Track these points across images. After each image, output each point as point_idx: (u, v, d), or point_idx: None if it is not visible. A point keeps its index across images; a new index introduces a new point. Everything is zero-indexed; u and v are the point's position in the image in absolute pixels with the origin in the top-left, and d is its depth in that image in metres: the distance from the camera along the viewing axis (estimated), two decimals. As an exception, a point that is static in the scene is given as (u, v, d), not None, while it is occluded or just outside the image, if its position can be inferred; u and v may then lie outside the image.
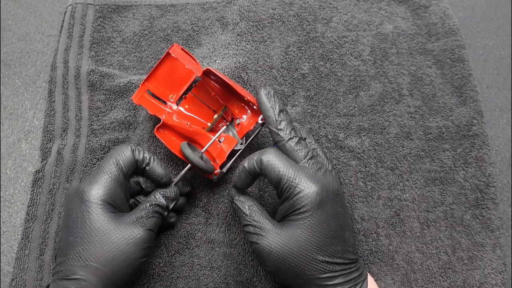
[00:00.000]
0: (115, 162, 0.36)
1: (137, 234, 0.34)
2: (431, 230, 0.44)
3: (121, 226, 0.34)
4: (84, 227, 0.33)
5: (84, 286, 0.32)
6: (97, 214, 0.34)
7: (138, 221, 0.35)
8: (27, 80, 0.52)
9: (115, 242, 0.33)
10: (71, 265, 0.32)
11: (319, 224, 0.33)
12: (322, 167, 0.36)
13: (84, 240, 0.33)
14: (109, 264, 0.33)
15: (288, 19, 0.53)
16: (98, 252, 0.33)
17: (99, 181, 0.35)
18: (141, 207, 0.37)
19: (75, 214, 0.34)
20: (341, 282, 0.33)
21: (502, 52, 0.53)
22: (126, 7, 0.54)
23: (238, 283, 0.42)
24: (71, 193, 0.35)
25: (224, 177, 0.45)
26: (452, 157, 0.46)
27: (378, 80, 0.50)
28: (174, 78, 0.44)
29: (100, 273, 0.32)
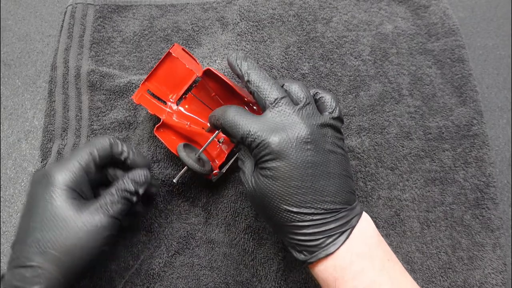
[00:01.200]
0: (89, 152, 0.35)
1: (98, 221, 0.33)
2: (431, 230, 0.44)
3: (83, 213, 0.33)
4: (45, 213, 0.32)
5: (40, 274, 0.31)
6: (60, 200, 0.33)
7: (101, 208, 0.34)
8: (27, 80, 0.52)
9: (75, 229, 0.32)
10: (28, 252, 0.31)
11: (280, 175, 0.31)
12: (291, 112, 0.33)
13: (44, 226, 0.32)
14: (68, 252, 0.31)
15: (288, 19, 0.53)
16: (57, 239, 0.31)
17: (68, 167, 0.34)
18: (107, 192, 0.35)
19: (38, 199, 0.33)
20: (312, 232, 0.31)
21: (502, 52, 0.53)
22: (126, 7, 0.54)
23: (238, 283, 0.42)
24: (37, 176, 0.34)
25: (224, 177, 0.45)
26: (452, 157, 0.46)
27: (378, 80, 0.50)
28: (175, 78, 0.44)
29: (58, 261, 0.31)
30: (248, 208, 0.44)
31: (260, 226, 0.43)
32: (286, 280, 0.42)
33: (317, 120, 0.33)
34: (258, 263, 0.42)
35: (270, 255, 0.42)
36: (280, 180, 0.32)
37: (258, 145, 0.32)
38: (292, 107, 0.33)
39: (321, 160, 0.32)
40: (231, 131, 0.34)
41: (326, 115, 0.34)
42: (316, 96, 0.36)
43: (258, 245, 0.43)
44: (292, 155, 0.31)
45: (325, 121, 0.33)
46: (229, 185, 0.45)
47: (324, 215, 0.32)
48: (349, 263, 0.31)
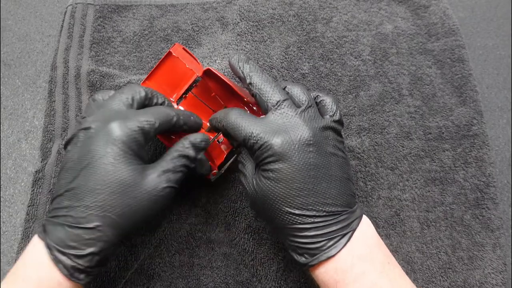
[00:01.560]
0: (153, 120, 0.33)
1: (161, 191, 0.32)
2: (431, 230, 0.44)
3: (147, 180, 0.32)
4: (108, 176, 0.31)
5: (98, 236, 0.30)
6: (124, 163, 0.31)
7: (163, 175, 0.33)
8: (27, 80, 0.52)
9: (139, 196, 0.31)
10: (86, 213, 0.30)
11: (282, 177, 0.31)
12: (294, 114, 0.33)
13: (107, 189, 0.31)
14: (127, 218, 0.31)
15: (288, 19, 0.53)
16: (119, 204, 0.31)
17: (130, 127, 0.32)
18: (168, 158, 0.34)
19: (98, 157, 0.31)
20: (313, 234, 0.31)
21: (502, 52, 0.53)
22: (126, 7, 0.54)
23: (238, 283, 0.42)
24: (96, 129, 0.32)
25: (224, 177, 0.45)
26: (452, 157, 0.46)
27: (378, 80, 0.50)
28: (175, 77, 0.44)
29: (116, 225, 0.31)
30: (248, 208, 0.44)
31: (260, 226, 0.43)
32: (286, 280, 0.42)
33: (319, 123, 0.33)
34: (258, 263, 0.42)
35: (270, 255, 0.42)
36: (283, 182, 0.31)
37: (261, 147, 0.32)
38: (294, 109, 0.33)
39: (323, 162, 0.32)
40: (233, 133, 0.34)
41: (327, 118, 0.34)
42: (317, 99, 0.36)
43: (258, 245, 0.43)
44: (295, 157, 0.31)
45: (326, 124, 0.34)
46: (229, 185, 0.45)
47: (326, 218, 0.32)
48: (350, 265, 0.31)
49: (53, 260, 0.30)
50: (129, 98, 0.35)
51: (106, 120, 0.32)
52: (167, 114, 0.35)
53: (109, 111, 0.34)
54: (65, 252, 0.30)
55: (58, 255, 0.30)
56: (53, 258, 0.30)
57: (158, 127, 0.34)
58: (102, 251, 0.31)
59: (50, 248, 0.30)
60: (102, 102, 0.35)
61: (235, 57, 0.37)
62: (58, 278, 0.30)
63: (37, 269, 0.30)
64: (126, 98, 0.35)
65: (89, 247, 0.30)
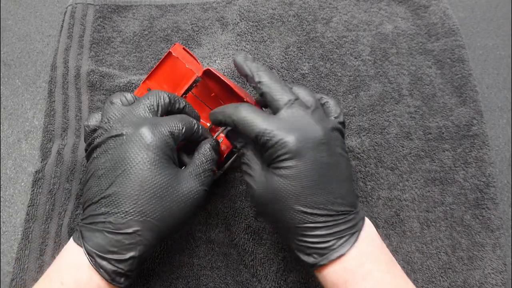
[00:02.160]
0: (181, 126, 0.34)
1: (196, 193, 0.33)
2: (431, 230, 0.44)
3: (181, 183, 0.33)
4: (146, 180, 0.31)
5: (138, 241, 0.31)
6: (159, 168, 0.32)
7: (197, 178, 0.34)
8: (27, 80, 0.52)
9: (176, 200, 0.32)
10: (126, 219, 0.31)
11: (296, 174, 0.31)
12: (305, 114, 0.33)
13: (146, 194, 0.31)
14: (166, 221, 0.32)
15: (288, 19, 0.53)
16: (158, 208, 0.31)
17: (162, 132, 0.33)
18: (198, 162, 0.35)
19: (133, 162, 0.31)
20: (324, 233, 0.31)
21: (502, 52, 0.53)
22: (126, 7, 0.54)
23: (237, 283, 0.42)
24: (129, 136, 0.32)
25: (224, 177, 0.45)
26: (452, 157, 0.46)
27: (378, 80, 0.50)
28: (175, 77, 0.44)
29: (156, 229, 0.32)
30: (248, 208, 0.44)
31: (260, 226, 0.43)
32: (286, 280, 0.42)
33: (328, 123, 0.34)
34: (258, 263, 0.42)
35: (270, 255, 0.42)
36: (296, 180, 0.31)
37: (275, 144, 0.32)
38: (305, 109, 0.34)
39: (334, 162, 0.32)
40: (245, 129, 0.33)
41: (333, 120, 0.35)
42: (321, 100, 0.37)
43: (258, 245, 0.43)
44: (309, 155, 0.31)
45: (334, 125, 0.34)
46: (228, 185, 0.45)
47: (335, 217, 0.32)
48: (358, 264, 0.31)
49: (94, 266, 0.30)
50: (154, 104, 0.35)
51: (137, 126, 0.33)
52: (190, 122, 0.36)
53: (137, 117, 0.34)
54: (105, 257, 0.31)
55: (99, 260, 0.31)
56: (93, 263, 0.31)
57: (185, 133, 0.35)
58: (142, 254, 0.32)
59: (90, 254, 0.31)
60: (125, 108, 0.35)
61: (241, 55, 0.37)
62: (97, 282, 0.31)
63: (74, 273, 0.31)
64: (151, 104, 0.35)
65: (129, 251, 0.31)
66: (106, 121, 0.34)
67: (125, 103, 0.36)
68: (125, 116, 0.34)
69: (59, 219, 0.43)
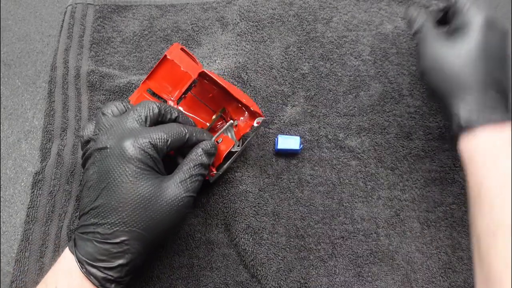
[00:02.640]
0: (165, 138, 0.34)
1: (181, 201, 0.34)
2: (431, 230, 0.44)
3: (166, 192, 0.33)
4: (129, 192, 0.32)
5: (126, 249, 0.32)
6: (142, 179, 0.33)
7: (181, 185, 0.34)
8: (27, 80, 0.52)
9: (160, 209, 0.33)
10: (112, 229, 0.32)
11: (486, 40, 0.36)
12: None
13: (129, 206, 0.32)
14: (152, 230, 0.33)
15: (288, 19, 0.53)
16: (142, 218, 0.32)
17: (142, 145, 0.33)
18: (184, 168, 0.35)
19: (116, 176, 0.32)
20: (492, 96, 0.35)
21: (502, 52, 0.53)
22: (126, 7, 0.54)
23: (237, 284, 0.42)
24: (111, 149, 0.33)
25: (223, 177, 0.45)
26: (452, 157, 0.46)
27: (378, 80, 0.50)
28: (174, 78, 0.44)
29: (142, 238, 0.33)
30: (248, 208, 0.44)
31: (260, 226, 0.43)
32: (286, 280, 0.42)
33: None
34: (257, 263, 0.42)
35: (269, 256, 0.42)
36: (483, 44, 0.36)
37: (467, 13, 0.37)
38: None
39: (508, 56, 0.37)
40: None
41: None
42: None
43: (257, 246, 0.43)
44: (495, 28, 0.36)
45: None
46: (228, 185, 0.45)
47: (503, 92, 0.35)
48: None
49: (85, 273, 0.32)
50: (142, 115, 0.35)
51: (120, 139, 0.33)
52: (179, 132, 0.36)
53: (122, 130, 0.34)
54: (95, 265, 0.32)
55: (89, 268, 0.32)
56: (84, 271, 0.32)
57: (171, 144, 0.35)
58: (131, 262, 0.33)
59: (80, 262, 0.32)
60: (115, 119, 0.35)
61: None
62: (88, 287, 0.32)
63: (68, 279, 0.32)
64: (139, 115, 0.35)
65: (118, 259, 0.32)
66: (96, 132, 0.35)
67: (116, 113, 0.36)
68: (112, 128, 0.34)
69: (59, 221, 0.43)
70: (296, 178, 0.45)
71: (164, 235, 0.34)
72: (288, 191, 0.45)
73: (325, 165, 0.46)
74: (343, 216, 0.44)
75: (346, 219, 0.44)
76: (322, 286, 0.41)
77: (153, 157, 0.33)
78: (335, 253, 0.43)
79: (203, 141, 0.37)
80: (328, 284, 0.42)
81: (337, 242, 0.43)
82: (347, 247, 0.43)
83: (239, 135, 0.44)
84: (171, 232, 0.35)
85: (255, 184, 0.45)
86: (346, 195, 0.45)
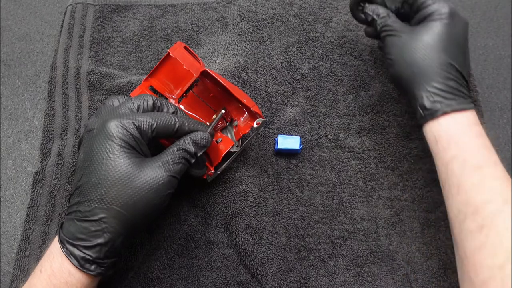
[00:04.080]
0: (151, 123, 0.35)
1: (161, 180, 0.34)
2: (431, 230, 0.44)
3: (146, 171, 0.33)
4: (108, 170, 0.32)
5: (104, 228, 0.32)
6: (122, 157, 0.33)
7: (163, 166, 0.34)
8: (27, 80, 0.52)
9: (138, 186, 0.33)
10: (91, 207, 0.32)
11: (450, 31, 0.37)
12: None
13: (107, 182, 0.32)
14: (130, 208, 0.33)
15: (288, 19, 0.53)
16: (121, 195, 0.32)
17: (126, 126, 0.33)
18: (168, 151, 0.36)
19: (98, 154, 0.33)
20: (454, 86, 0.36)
21: (502, 52, 0.53)
22: (126, 7, 0.54)
23: (237, 284, 0.42)
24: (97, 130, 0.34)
25: (222, 177, 0.45)
26: (452, 157, 0.46)
27: (378, 80, 0.50)
28: (176, 76, 0.44)
29: (121, 216, 0.33)
30: (248, 208, 0.44)
31: (260, 226, 0.43)
32: (286, 280, 0.42)
33: None
34: (257, 263, 0.42)
35: (269, 255, 0.42)
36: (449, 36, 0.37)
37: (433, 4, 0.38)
38: None
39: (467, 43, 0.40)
40: None
41: None
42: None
43: (257, 245, 0.43)
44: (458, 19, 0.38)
45: None
46: (228, 185, 0.45)
47: (464, 80, 0.37)
48: (475, 123, 0.36)
49: (65, 253, 0.32)
50: (135, 104, 0.36)
51: (105, 121, 0.34)
52: (167, 119, 0.36)
53: (111, 114, 0.35)
54: (75, 244, 0.32)
55: (69, 247, 0.32)
56: (64, 250, 0.32)
57: (156, 129, 0.35)
58: (110, 242, 0.33)
59: (62, 241, 0.33)
60: (112, 108, 0.36)
61: None
62: (69, 268, 0.32)
63: (51, 261, 0.33)
64: (133, 104, 0.36)
65: (96, 238, 0.32)
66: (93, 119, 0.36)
67: (116, 104, 0.37)
68: (105, 113, 0.35)
69: (59, 221, 0.43)
70: (296, 178, 0.45)
71: (144, 215, 0.34)
72: (288, 191, 0.45)
73: (325, 165, 0.46)
74: (343, 216, 0.44)
75: (346, 219, 0.44)
76: (322, 286, 0.41)
77: (136, 137, 0.34)
78: (335, 253, 0.43)
79: (196, 131, 0.38)
80: (328, 284, 0.42)
81: (337, 242, 0.43)
82: (347, 247, 0.43)
83: (238, 136, 0.44)
84: (151, 213, 0.34)
85: (255, 184, 0.45)
86: (346, 195, 0.45)
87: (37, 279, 0.33)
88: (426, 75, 0.37)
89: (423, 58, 0.37)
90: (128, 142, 0.33)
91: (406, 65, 0.38)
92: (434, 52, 0.37)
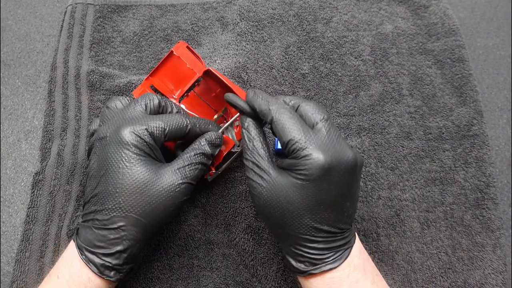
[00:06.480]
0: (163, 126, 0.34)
1: (177, 187, 0.34)
2: (431, 230, 0.44)
3: (163, 178, 0.33)
4: (125, 178, 0.32)
5: (123, 236, 0.32)
6: (138, 164, 0.33)
7: (179, 172, 0.34)
8: (27, 80, 0.52)
9: (156, 194, 0.33)
10: (110, 215, 0.32)
11: (318, 191, 0.31)
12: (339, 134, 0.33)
13: (125, 191, 0.32)
14: (148, 216, 0.33)
15: (288, 19, 0.53)
16: (138, 204, 0.32)
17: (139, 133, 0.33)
18: (185, 156, 0.35)
19: (113, 162, 0.33)
20: (322, 247, 0.32)
21: (502, 52, 0.53)
22: (126, 7, 0.54)
23: (237, 284, 0.42)
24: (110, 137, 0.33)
25: (223, 177, 0.45)
26: (452, 157, 0.46)
27: (378, 80, 0.50)
28: (178, 75, 0.44)
29: (139, 224, 0.33)
30: (248, 208, 0.44)
31: (260, 226, 0.43)
32: (286, 280, 0.42)
33: None
34: (258, 263, 0.42)
35: (270, 255, 0.42)
36: (316, 195, 0.31)
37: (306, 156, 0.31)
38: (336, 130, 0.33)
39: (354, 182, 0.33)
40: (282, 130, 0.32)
41: None
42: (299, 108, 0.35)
43: (258, 245, 0.43)
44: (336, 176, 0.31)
45: None
46: (228, 185, 0.45)
47: (336, 234, 0.33)
48: (347, 275, 0.32)
49: (84, 260, 0.33)
50: (143, 105, 0.36)
51: (118, 128, 0.34)
52: (179, 122, 0.36)
53: (121, 119, 0.35)
54: (94, 251, 0.33)
55: (88, 254, 0.33)
56: (83, 257, 0.33)
57: (169, 133, 0.35)
58: (128, 249, 0.33)
59: (80, 249, 0.33)
60: (117, 111, 0.36)
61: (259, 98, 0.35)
62: (88, 275, 0.33)
63: (69, 267, 0.33)
64: (140, 105, 0.36)
65: (115, 246, 0.33)
66: (100, 124, 0.36)
67: (119, 107, 0.37)
68: (113, 118, 0.35)
69: (59, 221, 0.43)
70: (296, 178, 0.45)
71: (161, 221, 0.34)
72: (288, 191, 0.45)
73: (325, 165, 0.46)
74: (343, 216, 0.44)
75: (346, 219, 0.44)
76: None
77: (150, 144, 0.34)
78: (335, 253, 0.43)
79: (208, 132, 0.38)
80: (328, 284, 0.42)
81: (337, 242, 0.43)
82: (347, 247, 0.43)
83: (239, 136, 0.44)
84: (168, 219, 0.34)
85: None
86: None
87: (54, 284, 0.33)
88: (290, 239, 0.33)
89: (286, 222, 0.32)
90: (143, 150, 0.33)
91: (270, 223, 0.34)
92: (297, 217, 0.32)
